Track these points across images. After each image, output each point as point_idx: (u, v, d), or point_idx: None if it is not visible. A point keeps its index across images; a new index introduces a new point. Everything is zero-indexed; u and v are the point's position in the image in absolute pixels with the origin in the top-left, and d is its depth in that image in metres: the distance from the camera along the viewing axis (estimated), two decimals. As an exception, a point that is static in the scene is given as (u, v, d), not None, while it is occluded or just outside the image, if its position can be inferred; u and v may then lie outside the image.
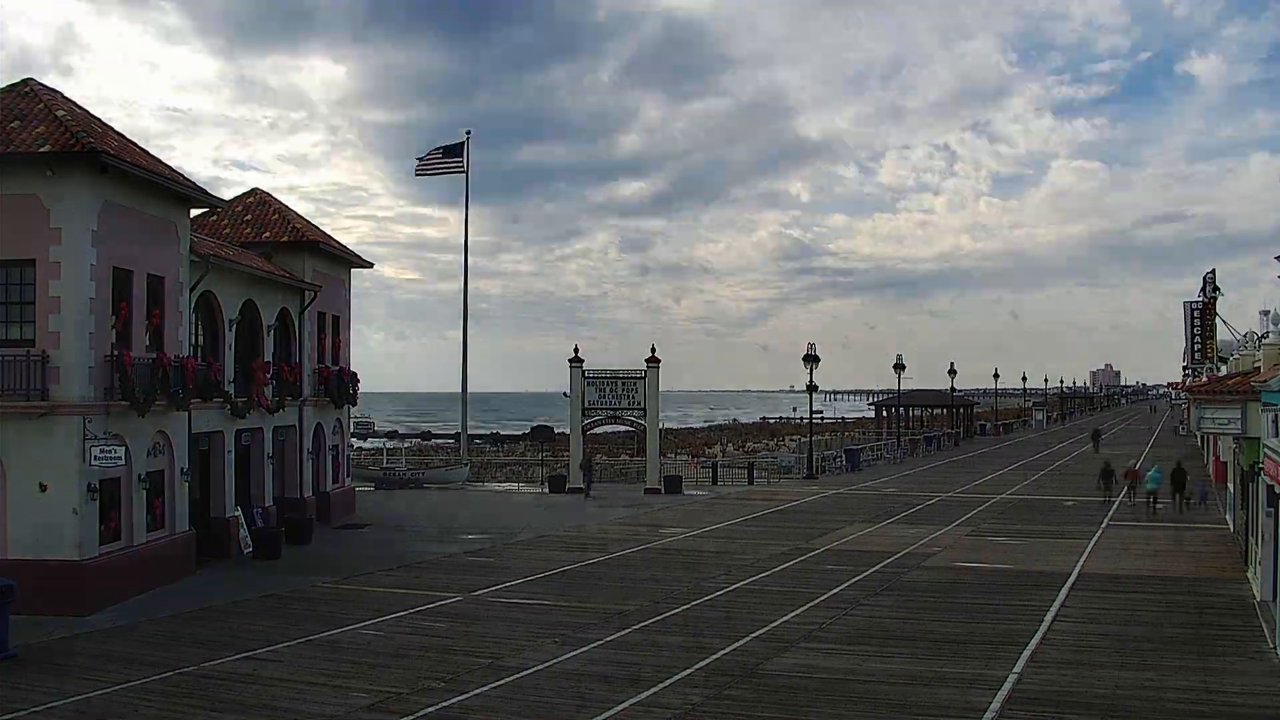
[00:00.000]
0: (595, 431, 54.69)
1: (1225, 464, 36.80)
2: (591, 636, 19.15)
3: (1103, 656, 17.49)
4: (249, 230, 35.31)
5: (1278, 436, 19.25)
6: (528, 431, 77.72)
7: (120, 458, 22.36)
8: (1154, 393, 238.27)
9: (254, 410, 30.53)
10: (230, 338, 29.81)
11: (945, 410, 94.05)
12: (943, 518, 36.55)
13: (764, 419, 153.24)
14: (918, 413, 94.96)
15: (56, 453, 21.59)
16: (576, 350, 48.48)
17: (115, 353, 22.60)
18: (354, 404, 40.37)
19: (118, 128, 25.25)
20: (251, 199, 37.39)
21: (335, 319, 38.43)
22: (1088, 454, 63.99)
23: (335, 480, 38.35)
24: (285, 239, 35.22)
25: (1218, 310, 47.42)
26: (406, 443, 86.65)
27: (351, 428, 43.58)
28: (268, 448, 32.26)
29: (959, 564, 27.14)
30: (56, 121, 22.43)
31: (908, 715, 14.53)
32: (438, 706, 14.93)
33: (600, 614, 21.09)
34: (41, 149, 21.66)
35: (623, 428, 59.57)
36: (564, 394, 48.98)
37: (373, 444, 79.35)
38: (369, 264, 40.46)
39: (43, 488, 21.47)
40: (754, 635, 19.13)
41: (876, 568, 26.40)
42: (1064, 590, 23.22)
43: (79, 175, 21.94)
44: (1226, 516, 33.70)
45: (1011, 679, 16.04)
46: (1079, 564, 26.65)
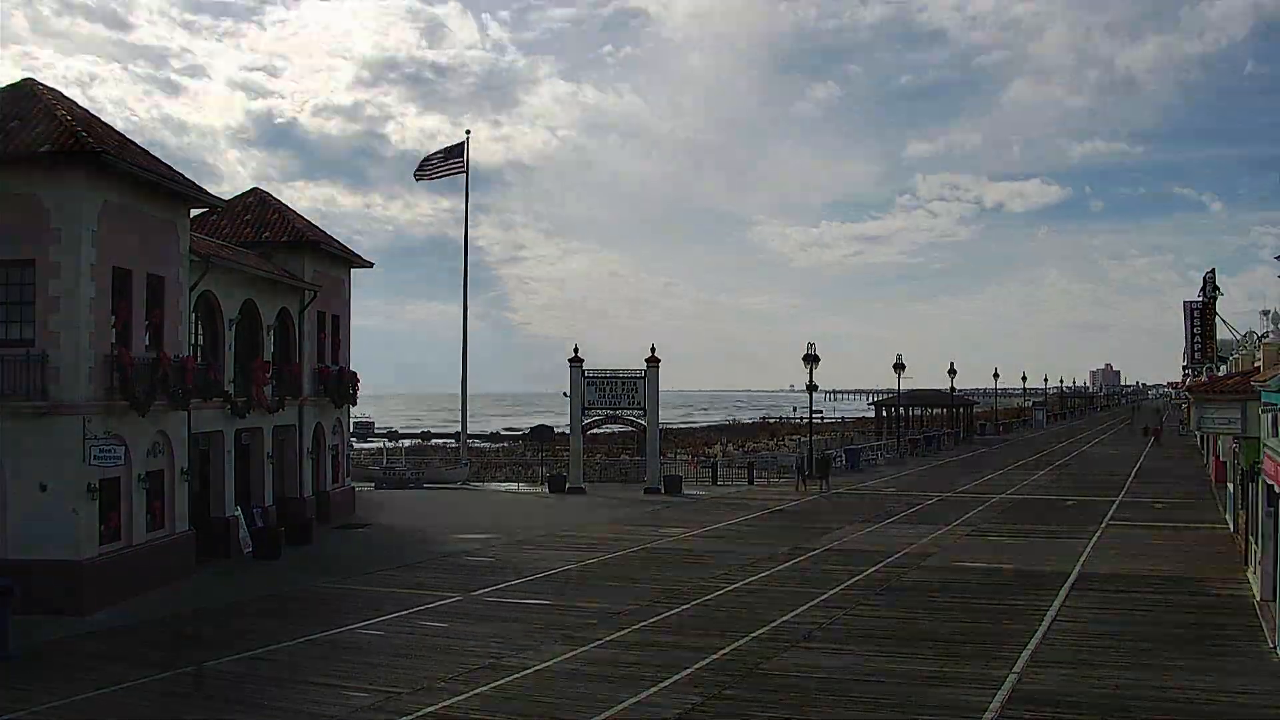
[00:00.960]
0: (595, 431, 54.74)
1: (1225, 464, 36.79)
2: (591, 636, 19.14)
3: (1103, 656, 17.50)
4: (249, 230, 35.28)
5: (1277, 436, 19.26)
6: (527, 431, 77.72)
7: (120, 457, 22.34)
8: (1153, 392, 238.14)
9: (254, 410, 30.50)
10: (230, 337, 29.80)
11: (945, 410, 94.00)
12: (942, 517, 36.54)
13: (764, 419, 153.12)
14: (918, 412, 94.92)
15: (56, 452, 21.56)
16: (576, 350, 48.50)
17: (115, 352, 22.59)
18: (354, 404, 40.36)
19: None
20: (251, 198, 37.37)
21: (335, 318, 38.42)
22: (1088, 453, 63.95)
23: (335, 480, 38.34)
24: (285, 239, 35.20)
25: (1217, 310, 47.41)
26: (406, 442, 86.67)
27: (351, 427, 43.61)
28: (267, 447, 32.26)
29: (959, 564, 27.14)
30: (56, 121, 22.41)
31: (908, 715, 14.53)
32: (438, 706, 14.93)
33: (600, 614, 21.08)
34: (41, 149, 21.64)
35: (622, 427, 59.45)
36: (564, 393, 48.98)
37: (372, 444, 79.38)
38: (369, 263, 40.46)
39: (42, 487, 21.44)
40: (754, 635, 19.13)
41: (876, 567, 26.39)
42: (1064, 590, 23.21)
43: (79, 175, 21.92)
44: (1226, 516, 33.71)
45: (1011, 679, 16.04)
46: (1079, 564, 26.65)
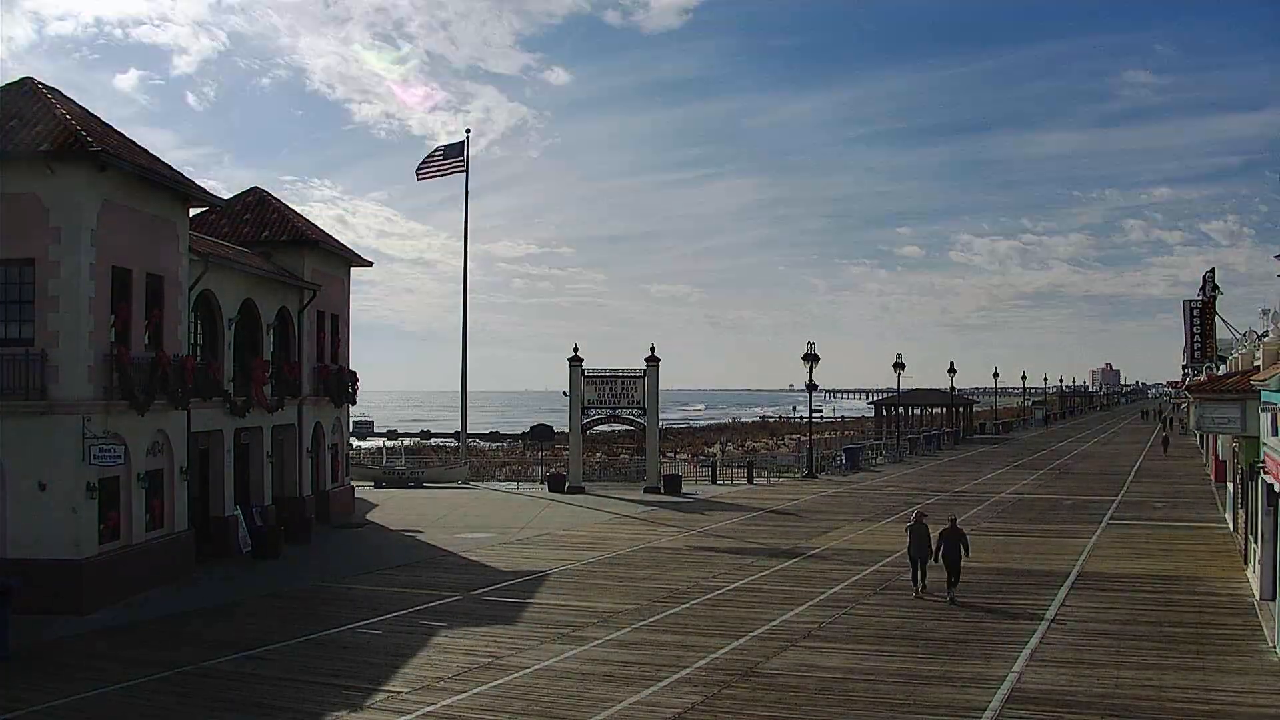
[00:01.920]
0: (594, 430, 54.70)
1: (1224, 463, 36.79)
2: (591, 636, 19.15)
3: (1102, 656, 17.49)
4: (248, 229, 35.29)
5: (1276, 435, 19.26)
6: (527, 430, 77.67)
7: (119, 456, 22.34)
8: (1152, 392, 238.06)
9: (253, 409, 30.51)
10: (230, 336, 29.80)
11: (945, 409, 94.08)
12: (942, 517, 36.43)
13: (764, 418, 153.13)
14: (917, 412, 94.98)
15: (56, 451, 21.57)
16: (576, 349, 48.48)
17: (114, 351, 22.57)
18: (353, 403, 40.38)
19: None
20: (251, 198, 37.34)
21: (335, 318, 38.41)
22: (1087, 453, 63.96)
23: (334, 479, 38.33)
24: (284, 238, 35.21)
25: (1217, 309, 47.40)
26: (405, 441, 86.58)
27: (350, 426, 43.59)
28: (267, 446, 32.25)
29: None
30: (56, 120, 22.41)
31: (907, 714, 14.52)
32: (438, 706, 14.93)
33: (600, 614, 21.08)
34: (41, 147, 21.64)
35: (621, 426, 59.42)
36: (563, 393, 48.97)
37: (372, 443, 79.25)
38: (369, 262, 40.45)
39: (42, 487, 21.44)
40: (753, 634, 19.13)
41: (876, 566, 26.39)
42: (1064, 589, 23.22)
43: (78, 174, 21.91)
44: (1226, 515, 33.71)
45: (1011, 678, 16.04)
46: (1079, 563, 26.66)
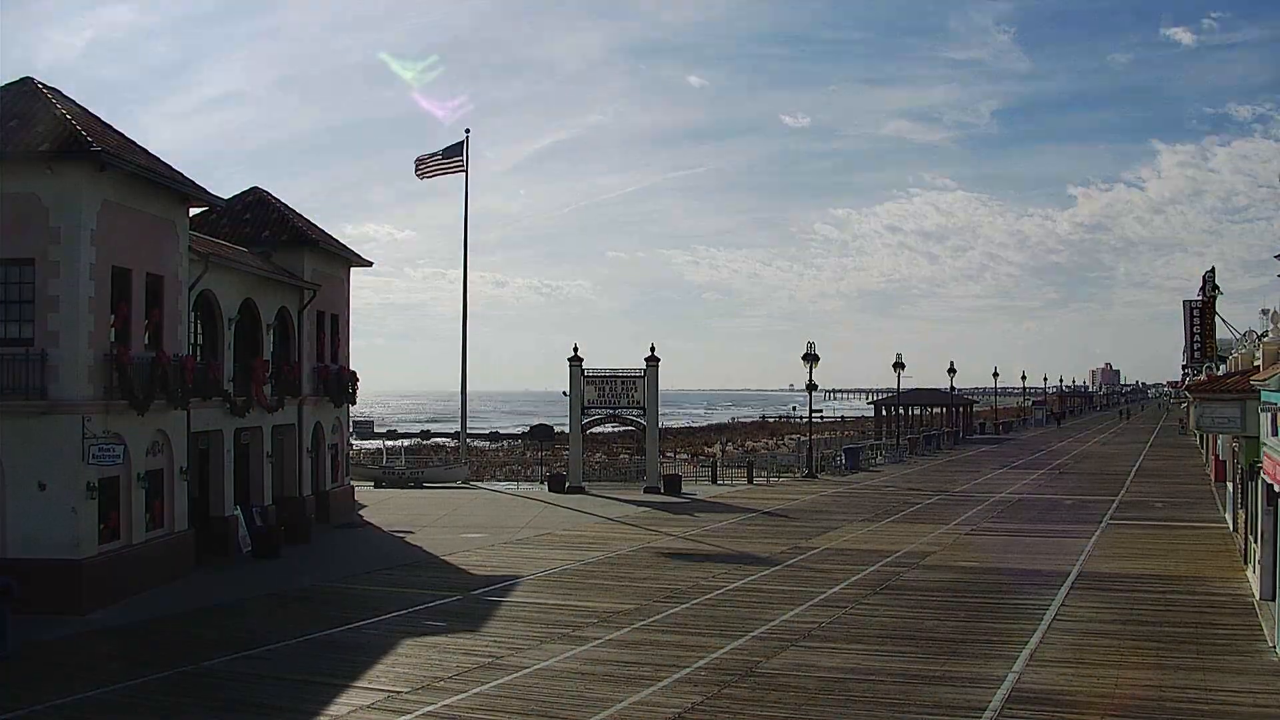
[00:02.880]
0: (594, 431, 54.69)
1: (1224, 463, 36.78)
2: (591, 636, 19.14)
3: (1103, 656, 17.48)
4: (248, 229, 35.28)
5: (1276, 435, 19.25)
6: (527, 430, 77.74)
7: (119, 456, 22.35)
8: (1152, 392, 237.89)
9: (253, 409, 30.50)
10: (229, 336, 29.80)
11: (945, 409, 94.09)
12: (942, 516, 36.56)
13: (764, 418, 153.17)
14: (917, 412, 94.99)
15: (55, 451, 21.57)
16: (576, 349, 48.48)
17: (114, 351, 22.57)
18: (353, 403, 40.36)
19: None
20: (251, 197, 37.33)
21: (334, 318, 38.41)
22: (1087, 452, 64.00)
23: (334, 479, 38.32)
24: (284, 238, 35.20)
25: (1217, 309, 47.41)
26: (406, 441, 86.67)
27: (350, 426, 43.58)
28: (267, 446, 32.24)
29: (958, 563, 27.14)
30: (56, 120, 22.41)
31: (907, 714, 14.52)
32: (438, 706, 14.92)
33: (600, 613, 21.08)
34: (41, 147, 21.64)
35: (621, 426, 59.44)
36: (563, 393, 48.97)
37: (372, 443, 79.34)
38: (368, 262, 40.43)
39: (42, 486, 21.45)
40: (753, 634, 19.13)
41: (875, 566, 26.39)
42: (1064, 589, 23.21)
43: (78, 174, 21.91)
44: (1225, 515, 33.71)
45: (1011, 678, 16.03)
46: (1079, 563, 26.65)
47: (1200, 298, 49.38)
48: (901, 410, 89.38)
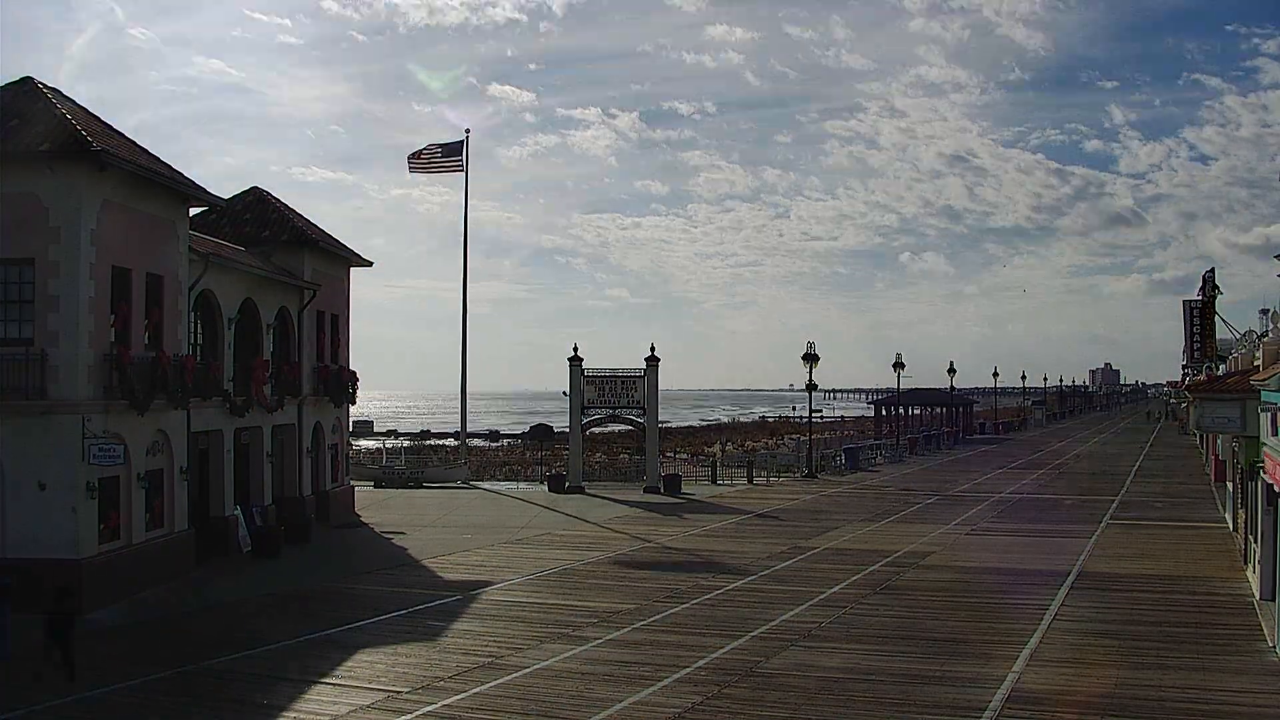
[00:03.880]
0: (594, 431, 54.68)
1: (1224, 463, 36.79)
2: (591, 636, 19.14)
3: (1103, 656, 17.49)
4: (248, 229, 35.26)
5: (1276, 435, 19.26)
6: (527, 430, 77.74)
7: (119, 456, 22.34)
8: (1152, 391, 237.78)
9: (253, 409, 30.49)
10: (229, 336, 29.79)
11: (944, 409, 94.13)
12: (942, 516, 36.56)
13: (763, 418, 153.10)
14: (917, 411, 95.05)
15: (56, 451, 21.55)
16: (576, 349, 48.48)
17: (114, 351, 22.56)
18: (353, 402, 40.34)
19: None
20: (251, 197, 37.31)
21: (335, 317, 38.40)
22: (1087, 452, 64.02)
23: (334, 479, 38.30)
24: (285, 238, 35.18)
25: (1217, 309, 47.42)
26: (406, 441, 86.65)
27: (350, 426, 43.56)
28: (267, 446, 32.23)
29: (958, 563, 27.15)
30: (56, 120, 22.40)
31: (907, 714, 14.53)
32: (438, 705, 14.93)
33: (600, 613, 21.08)
34: (41, 147, 21.63)
35: (621, 426, 59.43)
36: (563, 393, 48.96)
37: (372, 443, 79.34)
38: (369, 262, 40.40)
39: (42, 486, 21.43)
40: (753, 634, 19.13)
41: (875, 566, 26.39)
42: (1064, 589, 23.21)
43: (78, 174, 21.90)
44: (1226, 515, 33.72)
45: (1011, 678, 16.04)
46: (1079, 563, 26.66)
47: (1200, 298, 49.39)
48: (901, 410, 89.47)
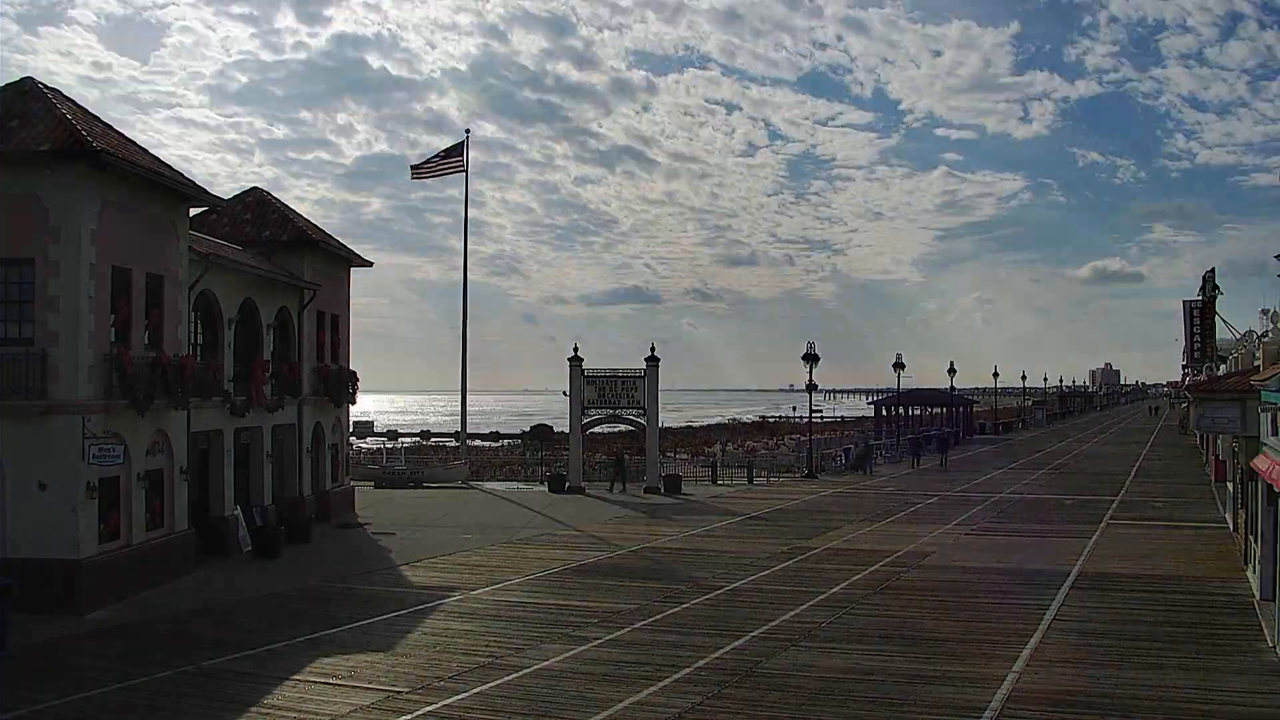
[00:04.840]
0: (594, 431, 54.65)
1: (1224, 463, 36.80)
2: (591, 636, 19.14)
3: (1103, 656, 17.49)
4: (249, 229, 35.27)
5: (1276, 435, 19.27)
6: (527, 430, 77.81)
7: (119, 456, 22.35)
8: (1152, 391, 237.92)
9: (253, 409, 30.51)
10: (229, 336, 29.80)
11: (945, 409, 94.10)
12: (942, 516, 36.55)
13: (763, 418, 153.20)
14: (917, 411, 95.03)
15: (55, 451, 21.55)
16: (576, 349, 48.47)
17: (114, 351, 22.56)
18: (353, 403, 40.36)
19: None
20: (251, 198, 37.34)
21: (335, 318, 38.41)
22: (1087, 452, 64.02)
23: (335, 479, 38.33)
24: (285, 238, 35.20)
25: (1217, 309, 47.45)
26: (405, 441, 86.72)
27: (350, 426, 43.57)
28: (267, 446, 32.25)
29: (958, 563, 27.15)
30: (56, 120, 22.39)
31: (907, 714, 14.53)
32: (438, 706, 14.93)
33: (600, 614, 21.08)
34: (41, 148, 21.62)
35: (621, 426, 59.46)
36: (563, 393, 48.97)
37: (372, 443, 79.40)
38: (369, 263, 40.42)
39: (42, 486, 21.44)
40: (753, 634, 19.13)
41: (876, 566, 26.39)
42: (1064, 589, 23.21)
43: (78, 174, 21.89)
44: (1226, 515, 33.72)
45: (1011, 678, 16.04)
46: (1079, 563, 26.65)
47: (1200, 298, 49.43)
48: (901, 410, 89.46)
